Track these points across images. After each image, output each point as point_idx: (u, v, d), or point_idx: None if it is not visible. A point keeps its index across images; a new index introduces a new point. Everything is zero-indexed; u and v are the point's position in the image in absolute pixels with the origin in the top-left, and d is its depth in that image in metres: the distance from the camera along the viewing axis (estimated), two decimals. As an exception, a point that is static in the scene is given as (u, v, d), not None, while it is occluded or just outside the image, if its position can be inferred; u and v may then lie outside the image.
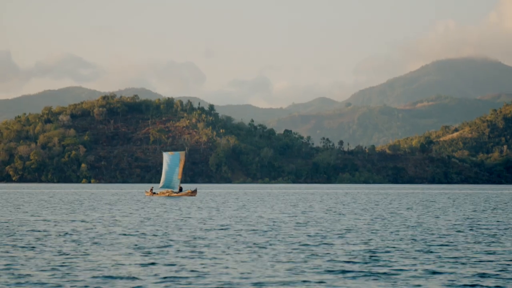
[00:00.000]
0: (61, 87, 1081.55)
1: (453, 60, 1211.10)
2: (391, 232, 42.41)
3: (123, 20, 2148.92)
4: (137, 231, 43.30)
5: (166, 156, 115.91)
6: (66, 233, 41.56)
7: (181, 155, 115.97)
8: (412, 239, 37.86)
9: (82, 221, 52.52)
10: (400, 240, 37.50)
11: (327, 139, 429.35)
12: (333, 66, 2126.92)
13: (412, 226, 47.65)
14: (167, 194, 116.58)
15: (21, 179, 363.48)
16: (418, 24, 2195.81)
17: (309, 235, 40.08)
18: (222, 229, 45.07)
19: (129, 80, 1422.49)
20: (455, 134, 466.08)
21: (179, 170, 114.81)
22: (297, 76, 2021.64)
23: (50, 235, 40.50)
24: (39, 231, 43.29)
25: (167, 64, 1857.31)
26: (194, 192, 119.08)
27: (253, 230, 44.20)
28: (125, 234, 41.04)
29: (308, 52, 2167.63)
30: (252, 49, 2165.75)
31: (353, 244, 34.87)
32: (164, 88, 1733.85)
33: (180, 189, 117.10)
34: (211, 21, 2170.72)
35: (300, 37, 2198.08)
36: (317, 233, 41.89)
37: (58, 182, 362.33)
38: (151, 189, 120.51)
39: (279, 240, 37.37)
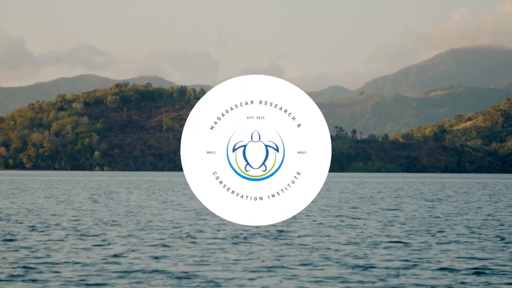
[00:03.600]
0: (75, 75, 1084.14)
1: (467, 48, 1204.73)
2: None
3: (136, 8, 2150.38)
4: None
5: None
6: None
7: None
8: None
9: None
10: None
11: (340, 128, 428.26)
12: (346, 54, 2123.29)
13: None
14: None
15: (35, 167, 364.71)
16: (432, 12, 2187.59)
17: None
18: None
19: (142, 68, 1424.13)
20: (468, 123, 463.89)
21: None
22: (310, 64, 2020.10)
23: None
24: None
25: (180, 52, 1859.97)
26: None
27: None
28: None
29: (321, 40, 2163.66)
30: (265, 37, 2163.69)
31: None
32: (177, 76, 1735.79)
33: None
34: (224, 9, 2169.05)
35: (313, 25, 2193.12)
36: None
37: (72, 169, 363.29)
38: None
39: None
